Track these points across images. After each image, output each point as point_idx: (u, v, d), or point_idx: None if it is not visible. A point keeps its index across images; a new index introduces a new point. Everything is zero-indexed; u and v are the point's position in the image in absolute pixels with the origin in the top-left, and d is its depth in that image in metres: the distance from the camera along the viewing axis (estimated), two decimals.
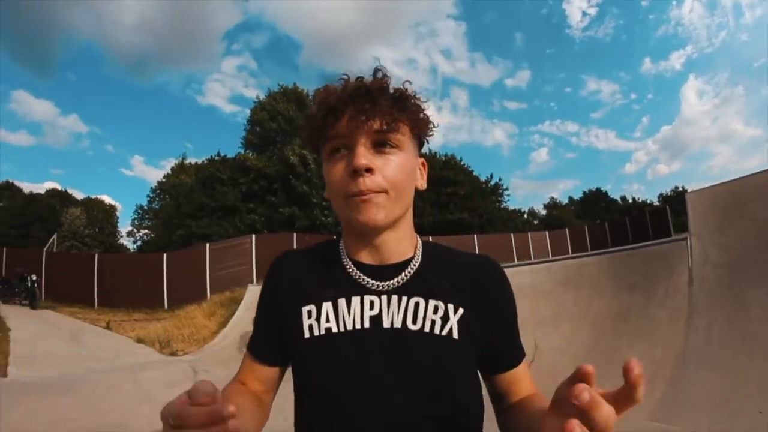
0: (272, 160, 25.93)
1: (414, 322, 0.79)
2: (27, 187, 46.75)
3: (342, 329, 0.80)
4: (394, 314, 0.80)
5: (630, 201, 51.56)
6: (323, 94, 0.80)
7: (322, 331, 0.80)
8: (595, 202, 51.74)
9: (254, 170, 26.65)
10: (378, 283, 0.82)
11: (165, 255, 16.37)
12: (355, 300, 0.81)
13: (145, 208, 41.50)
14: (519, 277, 5.56)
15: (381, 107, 0.76)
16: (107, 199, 46.56)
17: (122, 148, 78.89)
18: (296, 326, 0.82)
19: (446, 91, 78.03)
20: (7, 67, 71.80)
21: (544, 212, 52.20)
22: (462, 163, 33.65)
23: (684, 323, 3.50)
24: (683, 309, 3.59)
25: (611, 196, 53.55)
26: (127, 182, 77.51)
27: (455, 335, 0.79)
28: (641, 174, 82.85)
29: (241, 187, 26.89)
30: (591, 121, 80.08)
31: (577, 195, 56.89)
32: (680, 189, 46.73)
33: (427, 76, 77.67)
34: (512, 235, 25.59)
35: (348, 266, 0.84)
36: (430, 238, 21.32)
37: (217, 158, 30.25)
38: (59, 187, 46.19)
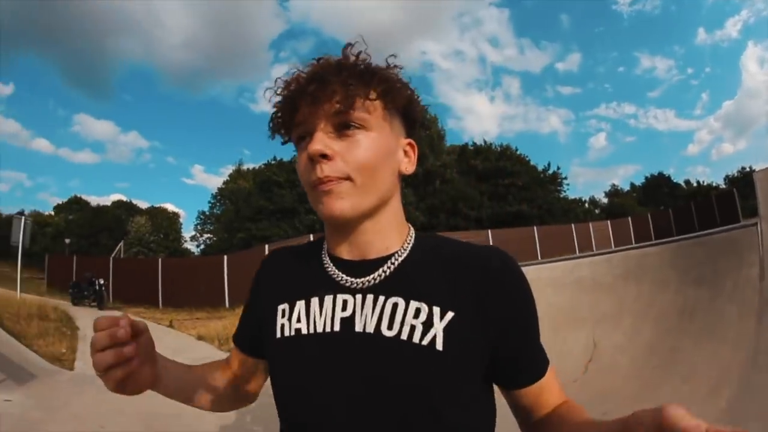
0: None
1: (390, 327, 0.68)
2: (94, 200, 50.53)
3: (312, 331, 0.72)
4: (367, 316, 0.70)
5: (694, 185, 48.22)
6: (284, 79, 0.74)
7: (292, 332, 0.74)
8: (657, 188, 48.77)
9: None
10: (353, 279, 0.73)
11: (225, 257, 17.09)
12: (328, 299, 0.73)
13: (207, 213, 43.23)
14: (579, 269, 5.30)
15: (338, 85, 0.68)
16: (171, 207, 49.50)
17: (182, 159, 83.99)
18: (271, 324, 0.78)
19: (497, 80, 75.99)
20: (67, 93, 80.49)
21: (605, 200, 49.57)
22: (518, 152, 32.66)
23: (755, 321, 3.17)
24: (754, 304, 3.25)
25: (674, 181, 50.44)
26: (189, 190, 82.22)
27: (439, 345, 0.66)
28: (705, 155, 76.36)
29: (298, 188, 27.58)
30: (648, 101, 74.63)
31: (639, 181, 53.78)
32: (747, 169, 42.90)
33: (476, 67, 76.25)
34: (573, 225, 24.39)
35: (325, 261, 0.77)
36: (489, 232, 21.28)
37: (273, 162, 31.19)
38: (124, 199, 49.98)
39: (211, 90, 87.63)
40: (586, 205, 43.26)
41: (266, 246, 17.05)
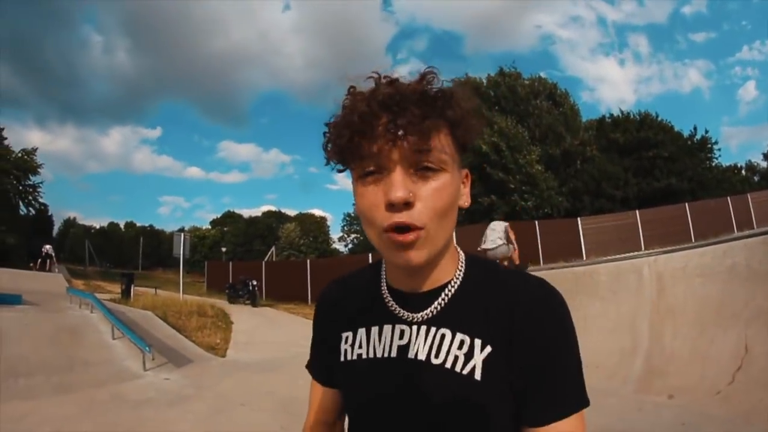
0: None
1: (437, 355, 0.73)
2: (246, 212, 58.93)
3: (371, 356, 0.79)
4: (420, 345, 0.75)
5: None
6: (349, 102, 0.68)
7: (354, 357, 0.81)
8: None
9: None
10: (409, 314, 0.77)
11: (370, 255, 17.97)
12: (387, 328, 0.79)
13: (353, 215, 45.56)
14: (732, 254, 4.56)
15: (417, 117, 0.63)
16: (318, 212, 54.71)
17: (324, 167, 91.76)
18: (336, 350, 0.84)
19: (623, 41, 68.89)
20: (209, 127, 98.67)
21: (764, 164, 39.72)
22: (659, 119, 28.68)
23: None
24: None
25: None
26: (334, 196, 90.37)
27: (477, 375, 0.70)
28: None
29: None
30: None
31: None
32: None
33: (597, 31, 69.87)
34: (729, 198, 20.67)
35: (384, 294, 0.81)
36: (637, 213, 19.66)
37: None
38: (274, 209, 56.50)
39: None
40: (743, 172, 35.84)
41: None
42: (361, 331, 0.81)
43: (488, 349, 0.70)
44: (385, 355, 0.77)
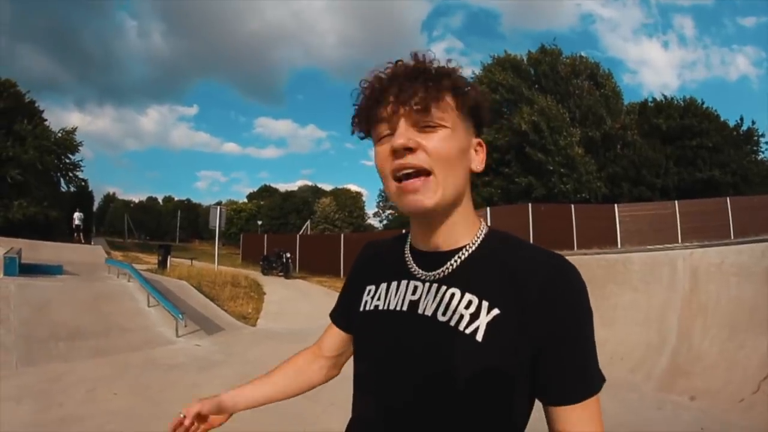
0: (502, 131, 24.93)
1: (444, 313, 0.77)
2: (282, 187, 60.12)
3: (386, 308, 0.86)
4: (429, 302, 0.80)
5: None
6: (367, 80, 0.80)
7: (372, 307, 0.89)
8: None
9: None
10: (424, 272, 0.83)
11: (404, 231, 17.91)
12: (403, 284, 0.86)
13: None
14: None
15: (420, 86, 0.74)
16: (353, 188, 55.39)
17: (360, 143, 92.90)
18: (358, 301, 0.93)
19: (667, 22, 65.38)
20: (245, 103, 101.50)
21: None
22: (705, 107, 26.81)
23: None
24: None
25: None
26: (370, 171, 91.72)
27: (479, 336, 0.72)
28: None
29: None
30: None
31: None
32: None
33: (639, 10, 66.24)
34: None
35: (406, 253, 0.89)
36: (676, 204, 18.83)
37: None
38: (309, 183, 58.00)
39: None
40: None
41: None
42: (383, 286, 0.89)
43: (495, 311, 0.73)
44: (398, 308, 0.84)
